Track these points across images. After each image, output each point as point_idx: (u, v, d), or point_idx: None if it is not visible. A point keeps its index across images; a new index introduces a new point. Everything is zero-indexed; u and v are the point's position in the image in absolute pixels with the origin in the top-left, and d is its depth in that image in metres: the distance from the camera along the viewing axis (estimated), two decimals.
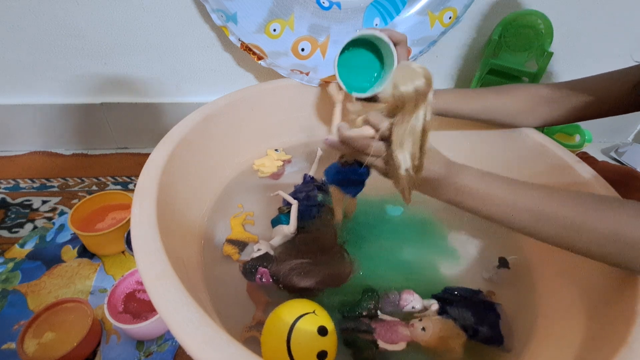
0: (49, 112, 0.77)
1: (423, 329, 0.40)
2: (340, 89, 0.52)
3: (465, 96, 0.57)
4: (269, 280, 0.45)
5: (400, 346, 0.40)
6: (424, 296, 0.45)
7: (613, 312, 0.37)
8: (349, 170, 0.41)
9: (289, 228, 0.50)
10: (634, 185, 0.56)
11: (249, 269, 0.46)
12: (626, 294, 0.36)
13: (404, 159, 0.33)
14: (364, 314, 0.43)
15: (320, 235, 0.50)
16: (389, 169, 0.36)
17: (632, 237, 0.32)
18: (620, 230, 0.32)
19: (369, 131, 0.35)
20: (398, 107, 0.33)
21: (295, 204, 0.52)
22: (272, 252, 0.48)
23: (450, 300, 0.44)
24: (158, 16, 0.68)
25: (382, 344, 0.40)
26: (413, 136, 0.33)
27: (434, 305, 0.44)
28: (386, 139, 0.35)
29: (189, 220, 0.50)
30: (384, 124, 0.34)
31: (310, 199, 0.55)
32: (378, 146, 0.35)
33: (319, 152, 0.68)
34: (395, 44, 0.48)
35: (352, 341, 0.40)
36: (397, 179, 0.35)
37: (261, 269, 0.45)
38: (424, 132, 0.33)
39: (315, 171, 0.64)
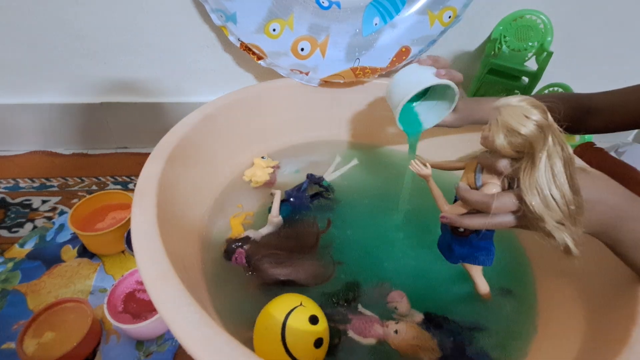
0: (49, 112, 0.77)
1: (396, 331, 0.40)
2: (426, 165, 0.46)
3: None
4: (243, 261, 0.46)
5: (369, 341, 0.40)
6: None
7: (613, 312, 0.37)
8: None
9: (272, 214, 0.53)
10: (634, 178, 0.56)
11: (228, 250, 0.48)
12: (626, 294, 0.36)
13: (539, 206, 0.28)
14: (343, 303, 0.43)
15: (304, 233, 0.51)
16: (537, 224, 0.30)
17: None
18: None
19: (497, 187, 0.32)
20: (524, 152, 0.30)
21: (277, 193, 0.56)
22: (252, 236, 0.50)
23: (441, 325, 0.43)
24: (158, 16, 0.68)
25: (351, 334, 0.40)
26: (554, 174, 0.28)
27: (418, 316, 0.43)
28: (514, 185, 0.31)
29: (189, 220, 0.50)
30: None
31: (300, 190, 0.58)
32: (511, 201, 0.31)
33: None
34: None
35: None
36: (549, 232, 0.29)
37: (238, 250, 0.47)
38: (568, 164, 0.28)
39: (309, 183, 0.63)
